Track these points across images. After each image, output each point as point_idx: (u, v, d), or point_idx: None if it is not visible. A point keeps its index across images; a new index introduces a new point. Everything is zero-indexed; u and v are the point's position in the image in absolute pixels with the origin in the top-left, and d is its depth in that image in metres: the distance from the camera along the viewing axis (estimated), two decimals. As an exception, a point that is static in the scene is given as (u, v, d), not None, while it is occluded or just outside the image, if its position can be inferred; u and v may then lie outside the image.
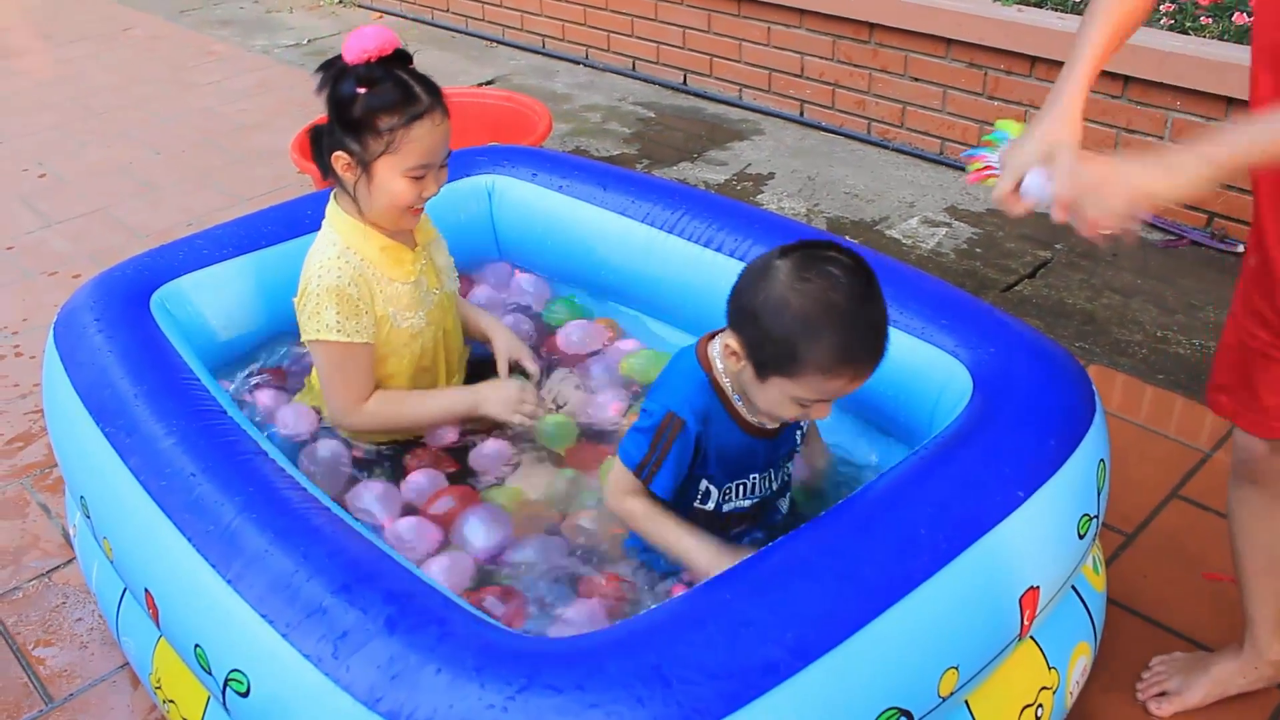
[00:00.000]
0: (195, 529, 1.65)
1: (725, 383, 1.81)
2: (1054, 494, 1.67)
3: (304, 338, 2.17)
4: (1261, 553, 1.93)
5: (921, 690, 1.46)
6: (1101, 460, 1.80)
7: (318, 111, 2.12)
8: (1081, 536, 1.71)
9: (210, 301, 2.36)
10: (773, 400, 1.71)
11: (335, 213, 2.17)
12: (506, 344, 2.39)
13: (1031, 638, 1.73)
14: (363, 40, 2.02)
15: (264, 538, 1.60)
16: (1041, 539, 1.64)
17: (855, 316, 1.62)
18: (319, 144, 2.13)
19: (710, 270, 2.37)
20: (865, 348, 1.64)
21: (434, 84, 2.08)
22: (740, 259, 2.33)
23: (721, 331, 1.79)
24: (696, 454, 1.83)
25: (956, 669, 1.48)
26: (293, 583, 1.53)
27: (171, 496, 1.72)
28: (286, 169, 4.16)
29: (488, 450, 2.20)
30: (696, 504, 1.90)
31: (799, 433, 1.97)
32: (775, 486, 1.96)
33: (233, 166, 4.53)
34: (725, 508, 1.91)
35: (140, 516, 1.73)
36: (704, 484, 1.88)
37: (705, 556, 1.77)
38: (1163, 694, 2.04)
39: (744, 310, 1.68)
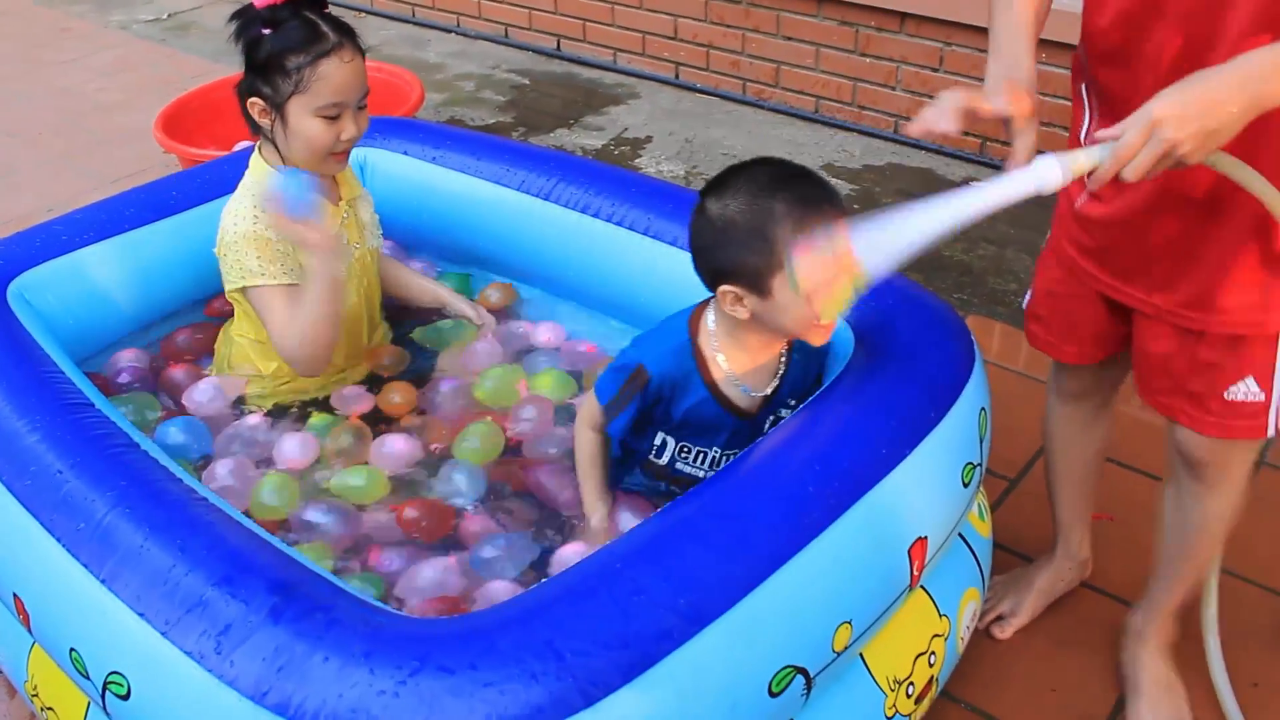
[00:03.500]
0: (64, 528, 1.58)
1: (712, 346, 1.80)
2: (937, 444, 1.69)
3: (229, 289, 2.14)
4: (1079, 465, 2.07)
5: (816, 647, 1.46)
6: (983, 409, 1.82)
7: (182, 89, 2.07)
8: (966, 485, 1.74)
9: (72, 290, 2.25)
10: (793, 303, 1.63)
11: (257, 164, 2.16)
12: (460, 299, 2.45)
13: (922, 587, 1.76)
14: None
15: (139, 533, 1.54)
16: (927, 489, 1.66)
17: (781, 178, 1.64)
18: (241, 96, 2.12)
19: (588, 237, 2.36)
20: (813, 189, 1.64)
21: (344, 23, 2.08)
22: (618, 224, 2.32)
23: (712, 300, 1.77)
24: (656, 407, 1.85)
25: (850, 623, 1.50)
26: (170, 577, 1.47)
27: (38, 495, 1.64)
28: (151, 149, 4.00)
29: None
30: (652, 456, 1.92)
31: (775, 418, 1.90)
32: None
33: (95, 148, 4.35)
34: (678, 466, 1.92)
35: (5, 518, 1.66)
36: (661, 436, 1.89)
37: (596, 520, 1.88)
38: (999, 618, 2.14)
39: (713, 257, 1.68)
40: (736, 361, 1.80)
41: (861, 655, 1.65)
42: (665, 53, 4.66)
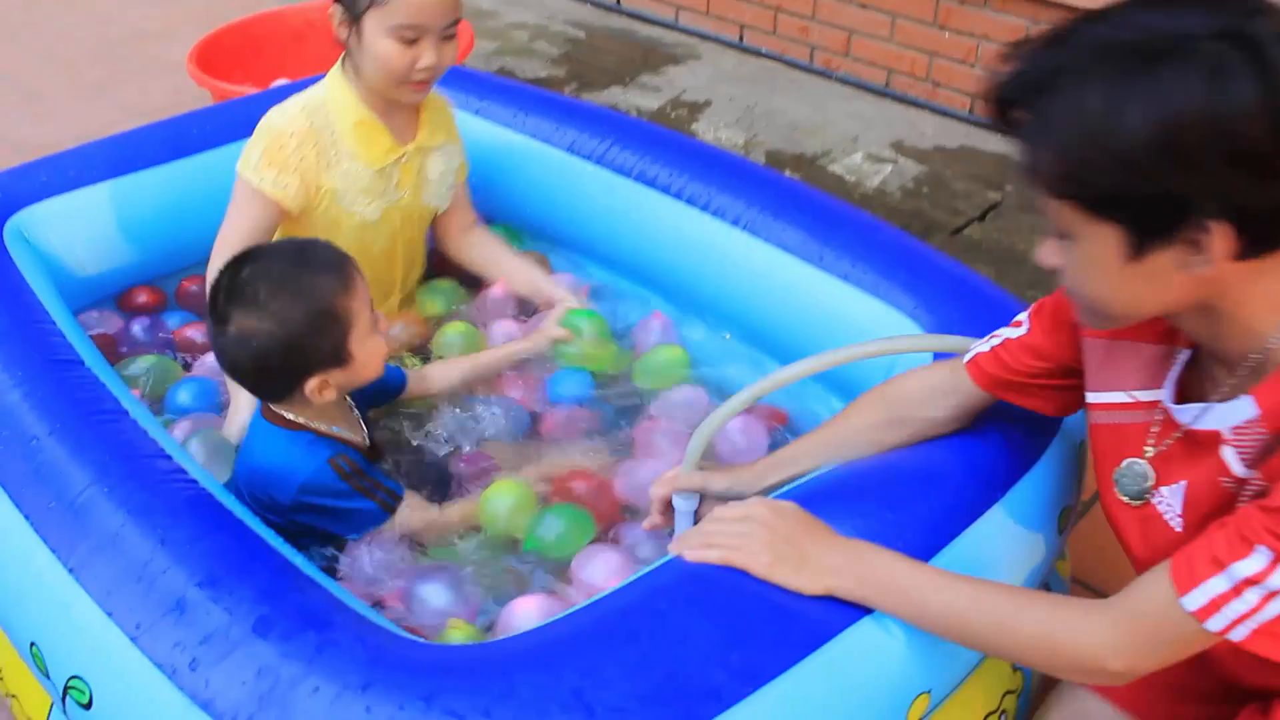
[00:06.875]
0: (34, 504, 1.41)
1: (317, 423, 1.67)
2: (1030, 489, 1.46)
3: None
4: None
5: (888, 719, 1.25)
6: (1081, 442, 1.60)
7: (224, 19, 1.87)
8: (1061, 531, 1.52)
9: (77, 231, 2.08)
10: (370, 352, 1.64)
11: (334, 73, 2.01)
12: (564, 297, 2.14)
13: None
14: None
15: (116, 517, 1.36)
16: (1018, 534, 1.44)
17: (291, 259, 1.61)
18: None
19: (640, 205, 2.18)
20: (315, 250, 1.65)
21: None
22: (675, 195, 2.11)
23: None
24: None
25: (929, 694, 1.28)
26: (146, 573, 1.29)
27: (8, 463, 1.47)
28: (186, 83, 3.82)
29: None
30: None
31: None
32: None
33: (130, 78, 4.16)
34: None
35: (-31, 488, 1.48)
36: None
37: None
38: None
39: (290, 363, 1.57)
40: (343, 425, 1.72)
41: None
42: (730, 13, 4.42)
